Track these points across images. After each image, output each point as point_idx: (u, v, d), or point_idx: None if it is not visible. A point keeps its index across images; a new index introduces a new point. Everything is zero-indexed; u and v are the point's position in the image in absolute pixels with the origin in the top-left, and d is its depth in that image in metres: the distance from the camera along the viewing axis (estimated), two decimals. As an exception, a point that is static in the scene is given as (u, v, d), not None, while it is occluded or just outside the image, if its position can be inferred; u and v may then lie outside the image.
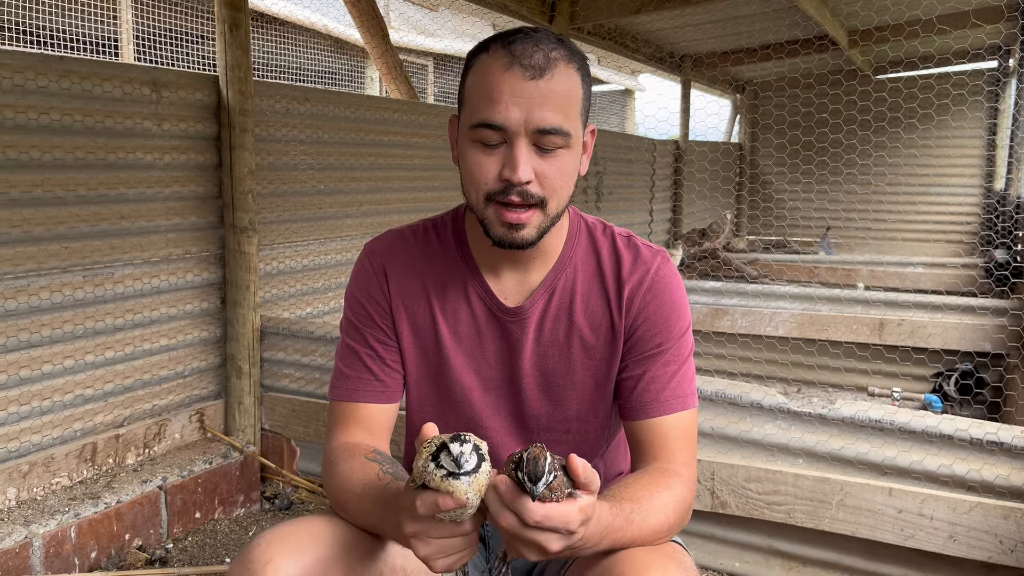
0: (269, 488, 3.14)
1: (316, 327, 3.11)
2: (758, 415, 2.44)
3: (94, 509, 2.51)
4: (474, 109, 1.26)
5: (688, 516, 1.31)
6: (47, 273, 2.54)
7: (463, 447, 1.02)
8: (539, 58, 1.23)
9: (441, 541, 1.06)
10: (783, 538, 2.39)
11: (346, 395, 1.42)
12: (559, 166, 1.27)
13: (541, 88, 1.23)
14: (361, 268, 1.47)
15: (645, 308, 1.38)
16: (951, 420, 2.23)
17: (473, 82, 1.29)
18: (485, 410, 1.43)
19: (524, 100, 1.22)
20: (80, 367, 2.68)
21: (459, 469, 1.02)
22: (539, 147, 1.25)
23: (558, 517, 1.00)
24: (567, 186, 1.31)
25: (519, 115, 1.22)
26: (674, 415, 1.35)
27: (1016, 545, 2.07)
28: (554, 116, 1.23)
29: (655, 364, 1.37)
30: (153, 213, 2.85)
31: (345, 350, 1.45)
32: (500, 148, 1.25)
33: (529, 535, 1.01)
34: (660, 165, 8.11)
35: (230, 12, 2.95)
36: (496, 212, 1.28)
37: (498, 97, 1.23)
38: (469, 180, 1.30)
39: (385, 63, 4.57)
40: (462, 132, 1.31)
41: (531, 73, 1.22)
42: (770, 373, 4.94)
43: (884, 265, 7.08)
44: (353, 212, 3.88)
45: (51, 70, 2.51)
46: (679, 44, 7.66)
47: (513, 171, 1.23)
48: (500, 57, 1.25)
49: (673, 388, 1.36)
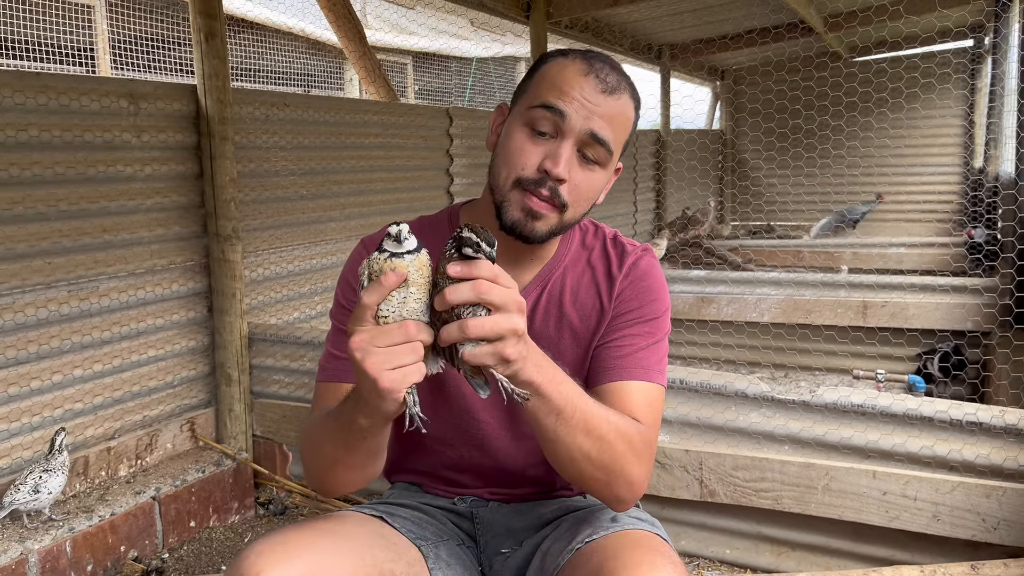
0: (263, 494, 3.16)
1: (304, 332, 3.13)
2: (743, 404, 2.47)
3: (88, 523, 2.52)
4: (539, 94, 1.31)
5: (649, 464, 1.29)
6: (31, 290, 2.55)
7: (401, 227, 1.04)
8: (613, 79, 1.31)
9: (387, 350, 1.04)
10: (771, 524, 2.43)
11: (334, 376, 1.40)
12: (591, 180, 1.32)
13: (608, 103, 1.30)
14: (356, 255, 1.47)
15: (624, 290, 1.41)
16: (931, 402, 2.27)
17: (545, 74, 1.34)
18: (478, 402, 1.44)
19: (590, 106, 1.29)
20: (68, 382, 2.69)
21: (400, 247, 1.04)
22: (582, 155, 1.30)
23: (506, 282, 1.04)
24: (588, 202, 1.36)
25: (581, 115, 1.28)
26: (637, 382, 1.34)
27: (999, 523, 2.11)
28: (608, 131, 1.30)
29: (623, 335, 1.38)
30: (136, 225, 2.86)
31: (335, 334, 1.44)
32: (547, 141, 1.30)
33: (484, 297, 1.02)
34: (642, 155, 8.13)
35: (205, 21, 2.95)
36: (520, 197, 1.31)
37: (569, 91, 1.29)
38: (504, 160, 1.32)
39: (363, 66, 4.57)
40: (515, 115, 1.35)
41: (604, 87, 1.30)
42: (757, 359, 4.98)
43: (868, 247, 7.14)
44: (336, 216, 3.89)
45: (28, 87, 2.51)
46: (657, 34, 7.68)
47: (555, 164, 1.28)
48: (579, 64, 1.32)
49: (639, 358, 1.36)
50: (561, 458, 1.22)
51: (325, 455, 1.27)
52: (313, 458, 1.31)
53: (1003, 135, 6.35)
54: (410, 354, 1.04)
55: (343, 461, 1.26)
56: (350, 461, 1.26)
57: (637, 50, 7.77)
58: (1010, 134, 5.06)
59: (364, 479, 1.31)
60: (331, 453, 1.25)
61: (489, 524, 1.47)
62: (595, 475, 1.24)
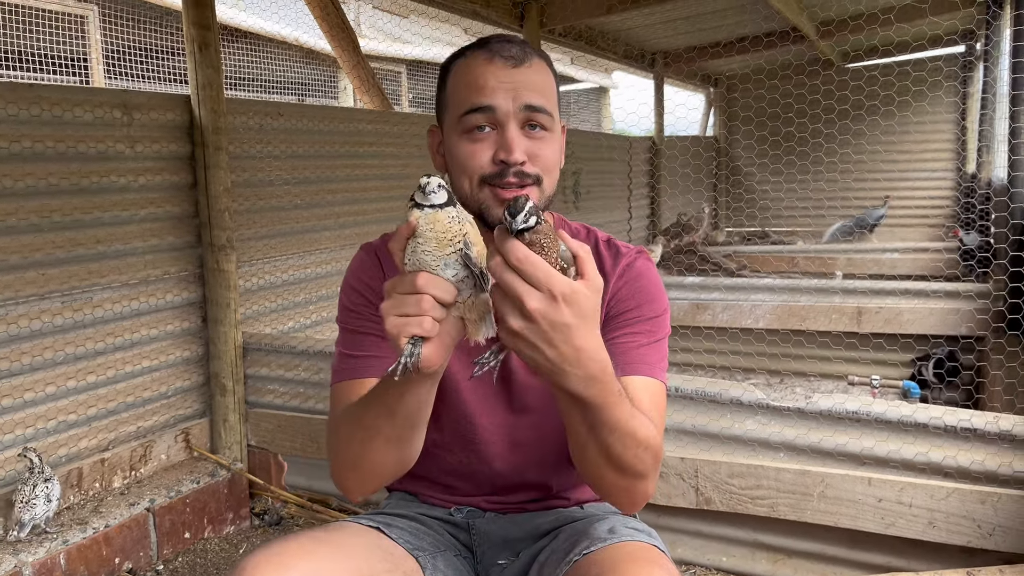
0: (258, 504, 3.15)
1: (298, 342, 3.12)
2: (738, 411, 2.47)
3: (82, 535, 2.51)
4: (460, 101, 1.32)
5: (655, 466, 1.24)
6: (25, 301, 2.54)
7: (430, 179, 1.04)
8: (516, 50, 1.33)
9: (397, 296, 1.03)
10: (768, 531, 2.42)
11: (351, 374, 1.37)
12: (549, 146, 1.34)
13: (524, 73, 1.31)
14: (359, 260, 1.47)
15: (619, 291, 1.40)
16: (925, 409, 2.27)
17: (455, 81, 1.35)
18: (476, 407, 1.44)
19: (509, 84, 1.30)
20: (62, 393, 2.68)
21: (425, 200, 1.03)
22: (528, 126, 1.31)
23: (541, 266, 0.98)
24: (556, 169, 1.37)
25: (506, 97, 1.29)
26: (640, 377, 1.32)
27: (994, 529, 2.11)
28: (538, 96, 1.31)
29: (624, 334, 1.36)
30: (130, 236, 2.85)
31: (346, 336, 1.42)
32: (490, 134, 1.30)
33: (508, 279, 0.98)
34: (637, 162, 8.15)
35: (199, 32, 2.95)
36: (493, 193, 1.31)
37: (484, 83, 1.30)
38: (461, 170, 1.33)
39: (357, 75, 4.57)
40: (448, 130, 1.35)
41: (512, 62, 1.31)
42: (752, 365, 4.98)
43: (862, 252, 7.16)
44: (331, 224, 3.89)
45: (21, 98, 2.51)
46: (651, 41, 7.70)
47: (509, 152, 1.28)
48: (480, 54, 1.33)
49: (640, 355, 1.34)
50: (589, 461, 1.19)
51: (366, 426, 1.23)
52: (349, 436, 1.26)
53: (995, 141, 6.38)
54: (413, 305, 1.02)
55: (383, 432, 1.21)
56: (389, 432, 1.21)
57: (631, 57, 7.79)
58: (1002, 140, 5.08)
59: (402, 460, 1.27)
60: (371, 422, 1.21)
61: (486, 535, 1.47)
62: (617, 482, 1.22)
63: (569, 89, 13.22)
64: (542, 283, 0.98)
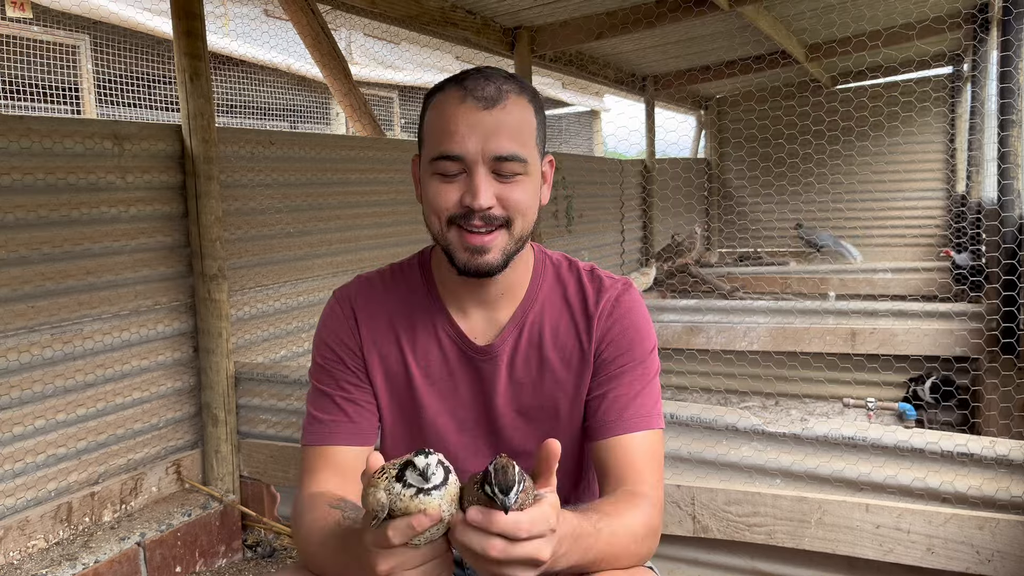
0: (251, 536, 3.11)
1: (291, 371, 3.10)
2: (734, 437, 2.45)
3: (72, 571, 2.47)
4: (433, 144, 1.30)
5: (656, 539, 1.30)
6: (14, 334, 2.52)
7: (428, 459, 0.97)
8: (491, 90, 1.28)
9: (420, 569, 1.01)
10: (765, 559, 2.40)
11: (319, 439, 1.40)
12: (522, 191, 1.31)
13: (496, 116, 1.27)
14: (330, 312, 1.47)
15: (609, 331, 1.40)
16: (921, 434, 2.26)
17: (430, 119, 1.33)
18: (461, 451, 1.43)
19: (480, 129, 1.27)
20: (52, 426, 2.65)
21: (427, 484, 0.96)
22: (498, 174, 1.28)
23: (541, 519, 0.97)
24: (531, 210, 1.34)
25: (476, 144, 1.26)
26: (639, 434, 1.35)
27: (992, 555, 2.09)
28: (510, 144, 1.28)
29: (619, 383, 1.38)
30: (120, 266, 2.84)
31: (316, 394, 1.45)
32: (460, 177, 1.29)
33: (520, 550, 0.96)
34: (629, 185, 8.18)
35: (190, 62, 2.96)
36: (459, 236, 1.30)
37: (454, 128, 1.27)
38: (431, 209, 1.32)
39: (349, 103, 4.59)
40: (423, 168, 1.35)
41: (484, 104, 1.27)
42: (747, 388, 4.97)
43: (854, 272, 7.18)
44: (323, 252, 3.88)
45: (11, 130, 2.50)
46: (641, 65, 7.75)
47: (474, 197, 1.27)
48: (454, 93, 1.30)
49: (637, 407, 1.37)
50: None
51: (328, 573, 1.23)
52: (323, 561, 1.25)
53: (984, 161, 6.42)
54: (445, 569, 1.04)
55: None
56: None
57: (622, 81, 7.83)
58: (991, 160, 5.12)
59: None
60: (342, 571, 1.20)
61: (480, 570, 1.45)
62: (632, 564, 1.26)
63: (560, 113, 13.28)
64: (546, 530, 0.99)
